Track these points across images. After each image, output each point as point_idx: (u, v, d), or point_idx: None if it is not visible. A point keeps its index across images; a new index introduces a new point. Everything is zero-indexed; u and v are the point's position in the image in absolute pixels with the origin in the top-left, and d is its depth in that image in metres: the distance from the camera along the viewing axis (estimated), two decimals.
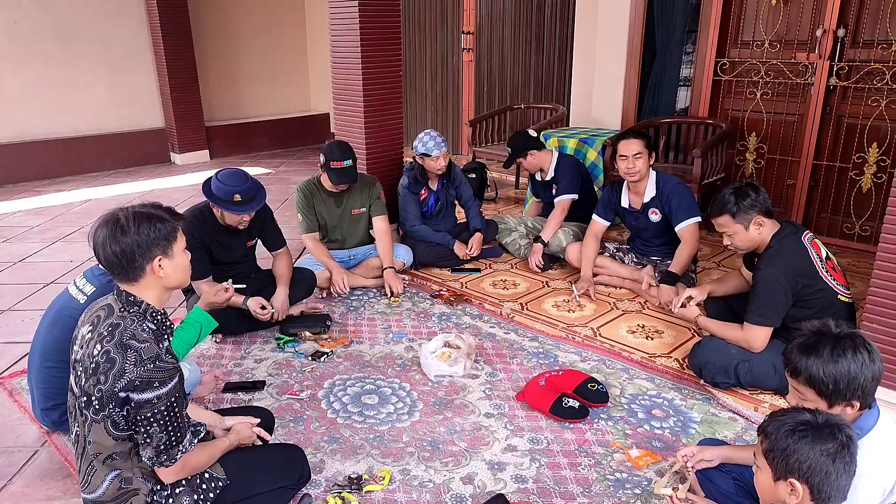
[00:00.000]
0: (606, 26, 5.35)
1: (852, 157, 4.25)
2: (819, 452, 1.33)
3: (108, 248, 1.66)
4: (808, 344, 1.59)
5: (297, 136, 8.65)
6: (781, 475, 1.38)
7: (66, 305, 2.29)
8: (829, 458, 1.33)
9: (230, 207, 3.02)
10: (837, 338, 1.57)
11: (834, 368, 1.53)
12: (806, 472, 1.34)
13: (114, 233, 1.66)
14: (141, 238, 1.67)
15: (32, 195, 6.22)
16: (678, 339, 3.18)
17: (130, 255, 1.67)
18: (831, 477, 1.33)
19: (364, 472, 2.26)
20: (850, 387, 1.53)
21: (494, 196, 5.75)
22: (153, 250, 1.69)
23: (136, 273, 1.70)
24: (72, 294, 2.30)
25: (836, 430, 1.36)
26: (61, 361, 2.28)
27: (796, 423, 1.38)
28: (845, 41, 4.15)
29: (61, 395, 2.32)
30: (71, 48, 6.77)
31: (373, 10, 4.09)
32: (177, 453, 1.70)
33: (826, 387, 1.54)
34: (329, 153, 3.59)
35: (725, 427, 2.51)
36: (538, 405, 2.60)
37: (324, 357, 3.06)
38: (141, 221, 1.68)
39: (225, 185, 3.01)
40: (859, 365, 1.52)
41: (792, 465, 1.35)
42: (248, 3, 7.98)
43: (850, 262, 4.08)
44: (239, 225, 3.13)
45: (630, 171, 3.48)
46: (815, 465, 1.33)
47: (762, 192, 2.57)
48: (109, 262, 1.68)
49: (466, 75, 7.14)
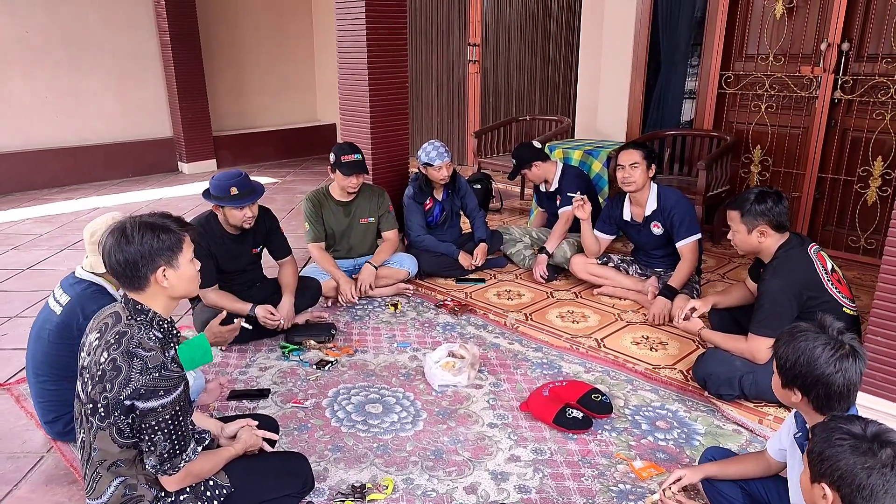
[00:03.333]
0: (611, 38, 5.38)
1: (857, 171, 4.26)
2: (855, 464, 1.28)
3: (113, 257, 1.68)
4: (803, 328, 1.67)
5: (303, 145, 8.70)
6: (816, 478, 1.35)
7: (47, 319, 2.32)
8: (865, 472, 1.26)
9: (229, 202, 3.05)
10: (826, 333, 1.62)
11: (791, 348, 1.63)
12: (837, 480, 1.29)
13: (119, 242, 1.67)
14: (144, 248, 1.67)
15: (41, 203, 6.27)
16: (682, 351, 3.18)
17: (134, 265, 1.68)
18: (865, 492, 1.26)
19: (367, 480, 2.27)
20: (794, 371, 1.61)
21: (499, 207, 5.77)
22: (157, 261, 1.70)
23: (140, 282, 1.71)
24: (51, 307, 2.33)
25: (880, 445, 1.29)
26: (53, 374, 2.31)
27: (843, 429, 1.34)
28: (850, 55, 4.16)
29: (60, 406, 2.34)
30: (80, 57, 6.84)
31: (380, 21, 4.12)
32: (180, 462, 1.71)
33: (780, 360, 1.65)
34: (339, 150, 3.69)
35: (730, 439, 2.50)
36: (542, 416, 2.61)
37: (328, 366, 3.07)
38: (145, 232, 1.69)
39: (220, 182, 3.07)
40: (827, 356, 1.57)
41: (825, 470, 1.31)
42: (257, 14, 8.06)
43: (854, 275, 4.07)
44: (244, 223, 3.15)
45: (626, 180, 3.50)
46: (848, 475, 1.28)
47: (783, 204, 2.57)
48: (115, 270, 1.70)
49: (472, 86, 7.19)
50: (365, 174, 3.77)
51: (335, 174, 3.71)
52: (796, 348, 1.62)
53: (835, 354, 1.57)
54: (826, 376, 1.57)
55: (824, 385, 1.58)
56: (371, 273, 3.78)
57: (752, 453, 2.08)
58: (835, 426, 1.36)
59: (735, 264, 4.34)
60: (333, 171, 3.72)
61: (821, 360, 1.57)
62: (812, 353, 1.59)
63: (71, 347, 2.23)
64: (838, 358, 1.57)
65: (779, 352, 1.67)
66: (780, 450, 1.87)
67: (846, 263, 4.23)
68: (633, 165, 3.47)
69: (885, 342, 2.41)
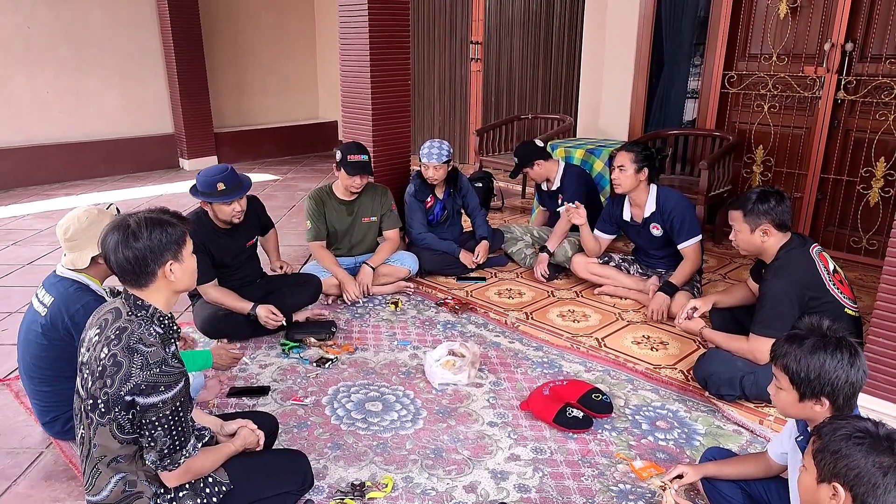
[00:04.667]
0: (614, 37, 5.37)
1: (860, 171, 4.25)
2: (871, 463, 1.27)
3: (120, 254, 1.67)
4: (795, 334, 1.66)
5: (305, 143, 8.70)
6: (826, 478, 1.33)
7: (33, 321, 2.31)
8: (881, 472, 1.27)
9: (218, 198, 3.05)
10: (824, 335, 1.63)
11: (809, 359, 1.60)
12: (852, 480, 1.29)
13: (126, 238, 1.67)
14: (153, 243, 1.68)
15: (42, 199, 6.27)
16: (683, 351, 3.17)
17: (143, 261, 1.68)
18: (878, 490, 1.26)
19: (367, 478, 2.26)
20: (821, 381, 1.59)
21: (501, 205, 5.76)
22: (165, 255, 1.71)
23: (147, 278, 1.71)
24: (35, 308, 2.32)
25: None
26: (45, 376, 2.30)
27: (856, 428, 1.33)
28: (853, 55, 4.15)
29: (57, 407, 2.33)
30: (83, 55, 6.84)
31: (382, 20, 4.12)
32: (180, 457, 1.71)
33: (798, 375, 1.61)
34: (346, 149, 3.68)
35: (730, 440, 2.50)
36: (542, 415, 2.60)
37: (328, 363, 3.06)
38: (153, 227, 1.70)
39: (206, 178, 3.06)
40: (835, 363, 1.58)
41: (839, 470, 1.30)
42: (259, 12, 8.05)
43: (856, 276, 4.06)
44: (233, 218, 3.14)
45: (614, 181, 3.55)
46: (864, 474, 1.27)
47: (786, 203, 2.57)
48: (122, 267, 1.69)
49: (474, 85, 7.18)
50: (370, 176, 3.76)
51: (340, 172, 3.71)
52: (811, 359, 1.60)
53: (846, 353, 1.59)
54: (851, 377, 1.58)
55: (851, 385, 1.59)
56: (369, 274, 3.78)
57: (752, 454, 2.07)
58: (847, 426, 1.35)
59: (736, 264, 4.33)
60: (338, 170, 3.71)
61: (843, 363, 1.58)
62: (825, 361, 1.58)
63: (60, 347, 2.23)
64: (850, 355, 1.59)
65: (792, 368, 1.63)
66: (782, 453, 1.86)
67: (848, 264, 4.22)
68: (620, 168, 3.48)
69: (888, 343, 2.41)
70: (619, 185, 3.52)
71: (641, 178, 3.50)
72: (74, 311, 2.19)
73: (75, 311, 2.20)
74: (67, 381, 2.06)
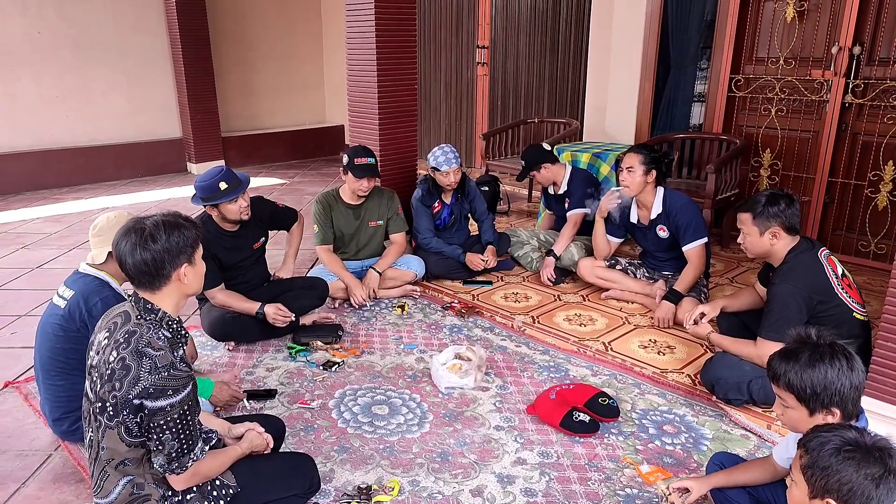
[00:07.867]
0: (621, 41, 5.37)
1: (868, 175, 4.23)
2: (863, 476, 1.27)
3: (137, 256, 1.68)
4: (788, 351, 1.64)
5: (311, 147, 8.73)
6: (819, 493, 1.33)
7: (52, 314, 2.34)
8: (873, 483, 1.27)
9: (223, 197, 3.06)
10: (816, 345, 1.62)
11: (811, 374, 1.58)
12: (846, 495, 1.28)
13: (143, 241, 1.68)
14: (171, 245, 1.70)
15: (51, 202, 6.32)
16: (690, 355, 3.16)
17: (160, 263, 1.69)
18: (872, 502, 1.27)
19: (373, 482, 2.27)
20: (827, 392, 1.57)
21: (507, 209, 5.76)
22: (181, 257, 1.73)
23: (160, 281, 1.72)
24: (55, 303, 2.36)
25: (885, 454, 1.30)
26: (61, 368, 2.32)
27: (843, 441, 1.32)
28: (861, 59, 4.14)
29: (69, 402, 2.34)
30: (90, 58, 6.89)
31: (389, 24, 4.13)
32: (188, 461, 1.71)
33: (804, 392, 1.60)
34: (353, 152, 3.69)
35: (738, 444, 2.49)
36: (548, 419, 2.60)
37: (335, 367, 3.07)
38: (171, 230, 1.71)
39: (206, 182, 3.06)
40: (836, 372, 1.57)
41: (832, 486, 1.30)
42: (266, 16, 8.09)
43: (865, 280, 4.04)
44: (242, 215, 3.15)
45: (623, 182, 3.55)
46: (857, 488, 1.27)
47: (795, 206, 2.56)
48: (138, 269, 1.70)
49: (481, 89, 7.19)
50: (377, 179, 3.77)
51: (347, 176, 3.72)
52: (813, 373, 1.58)
53: (844, 360, 1.58)
54: (854, 381, 1.58)
55: (856, 388, 1.58)
56: (375, 278, 3.78)
57: (757, 459, 2.06)
58: (834, 439, 1.34)
59: (744, 268, 4.31)
60: (345, 173, 3.72)
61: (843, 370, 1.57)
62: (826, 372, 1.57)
63: (76, 339, 2.25)
64: (847, 360, 1.58)
65: (796, 385, 1.61)
66: (788, 458, 1.85)
67: (856, 268, 4.20)
68: (629, 169, 3.48)
69: None
70: (628, 186, 3.52)
71: (649, 179, 3.50)
72: (93, 304, 2.24)
73: (94, 303, 2.24)
74: (82, 374, 2.08)
